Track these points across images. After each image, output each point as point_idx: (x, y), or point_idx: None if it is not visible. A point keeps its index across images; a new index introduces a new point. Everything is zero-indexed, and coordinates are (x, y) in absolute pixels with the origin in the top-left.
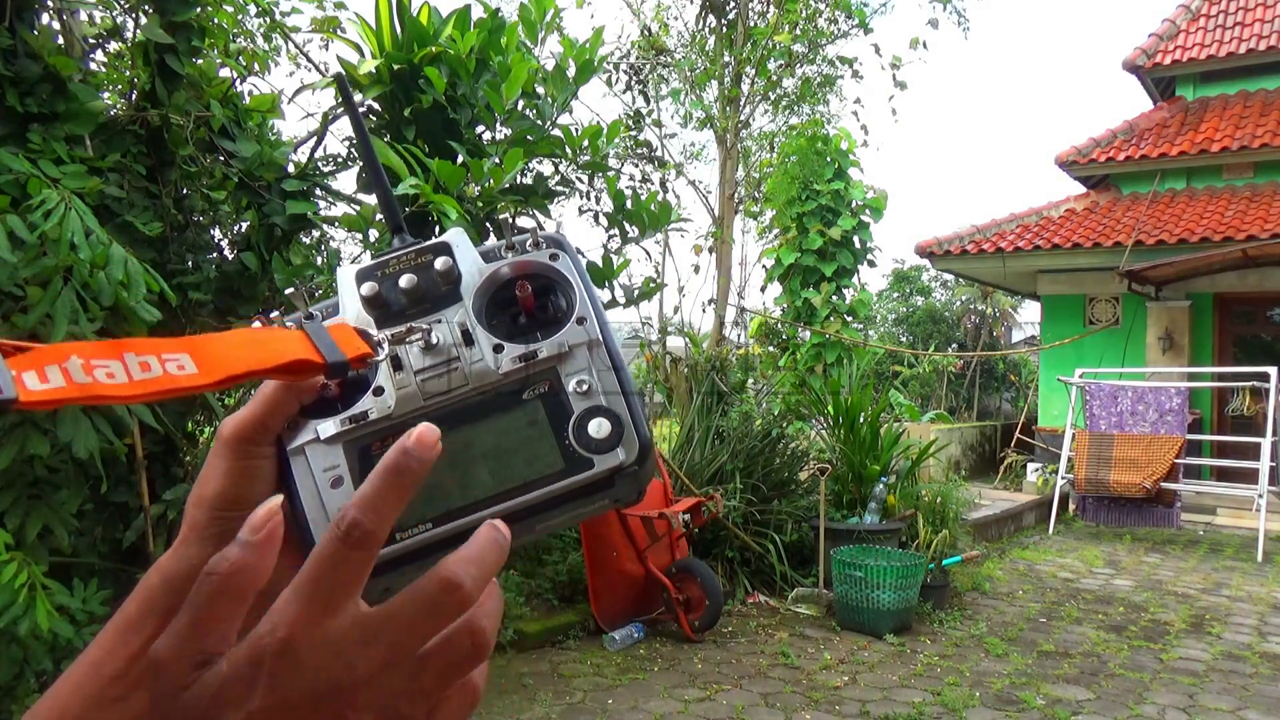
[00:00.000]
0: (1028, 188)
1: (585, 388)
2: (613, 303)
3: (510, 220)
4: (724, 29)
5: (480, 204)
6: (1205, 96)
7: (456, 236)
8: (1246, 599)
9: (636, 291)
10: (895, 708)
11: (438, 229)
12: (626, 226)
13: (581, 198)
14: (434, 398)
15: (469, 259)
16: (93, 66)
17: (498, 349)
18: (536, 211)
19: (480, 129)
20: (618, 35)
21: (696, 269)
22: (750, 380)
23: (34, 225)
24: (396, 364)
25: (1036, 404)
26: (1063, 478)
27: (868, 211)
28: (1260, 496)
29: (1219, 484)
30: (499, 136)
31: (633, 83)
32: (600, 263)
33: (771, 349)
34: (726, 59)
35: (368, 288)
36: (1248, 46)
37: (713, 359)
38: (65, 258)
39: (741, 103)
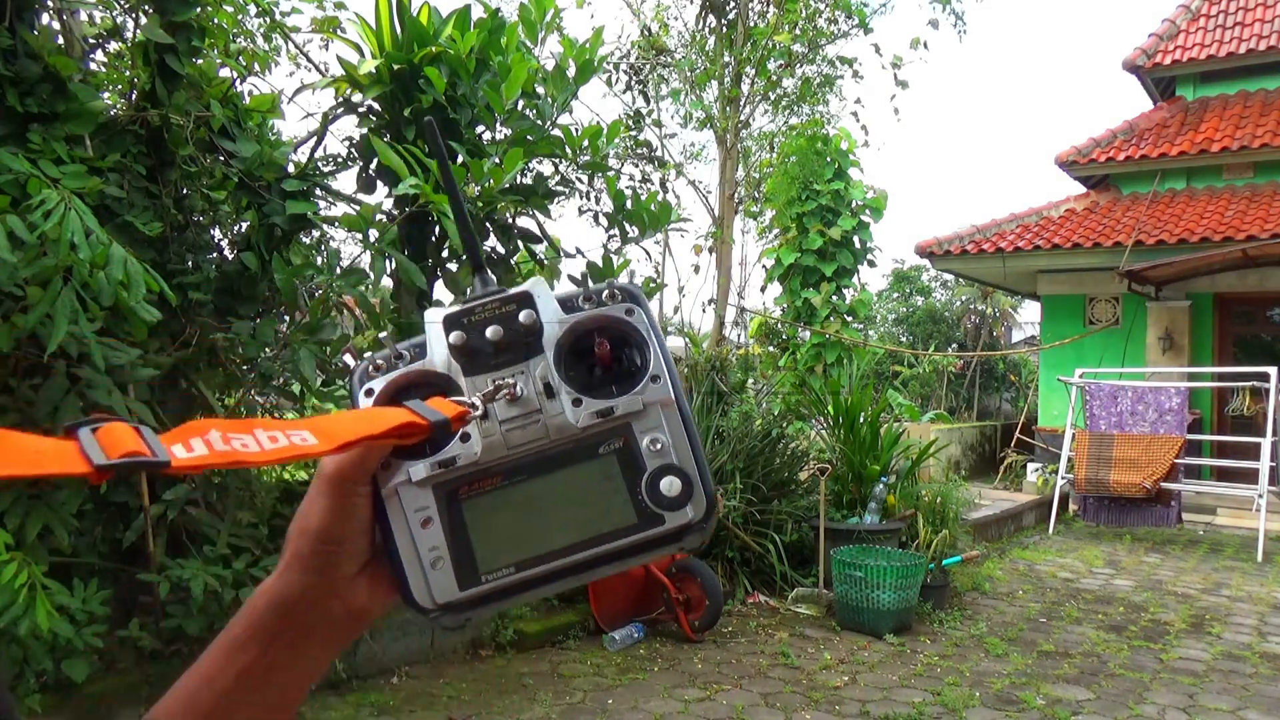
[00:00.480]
0: (1028, 188)
1: (659, 446)
2: None
3: (513, 221)
4: (724, 29)
5: (480, 204)
6: (1205, 96)
7: (537, 287)
8: (1246, 599)
9: None
10: (895, 708)
11: (437, 229)
12: (626, 226)
13: (581, 198)
14: (517, 447)
15: (549, 310)
16: (93, 66)
17: (576, 403)
18: (536, 211)
19: (480, 129)
20: (618, 35)
21: (696, 269)
22: (750, 380)
23: (34, 225)
24: (486, 413)
25: (1036, 404)
26: (1063, 478)
27: (868, 211)
28: (1260, 496)
29: (1219, 484)
30: (499, 136)
31: (633, 83)
32: (600, 263)
33: (771, 349)
34: (726, 59)
35: (456, 336)
36: (1248, 46)
37: (713, 359)
38: (65, 258)
39: (741, 103)
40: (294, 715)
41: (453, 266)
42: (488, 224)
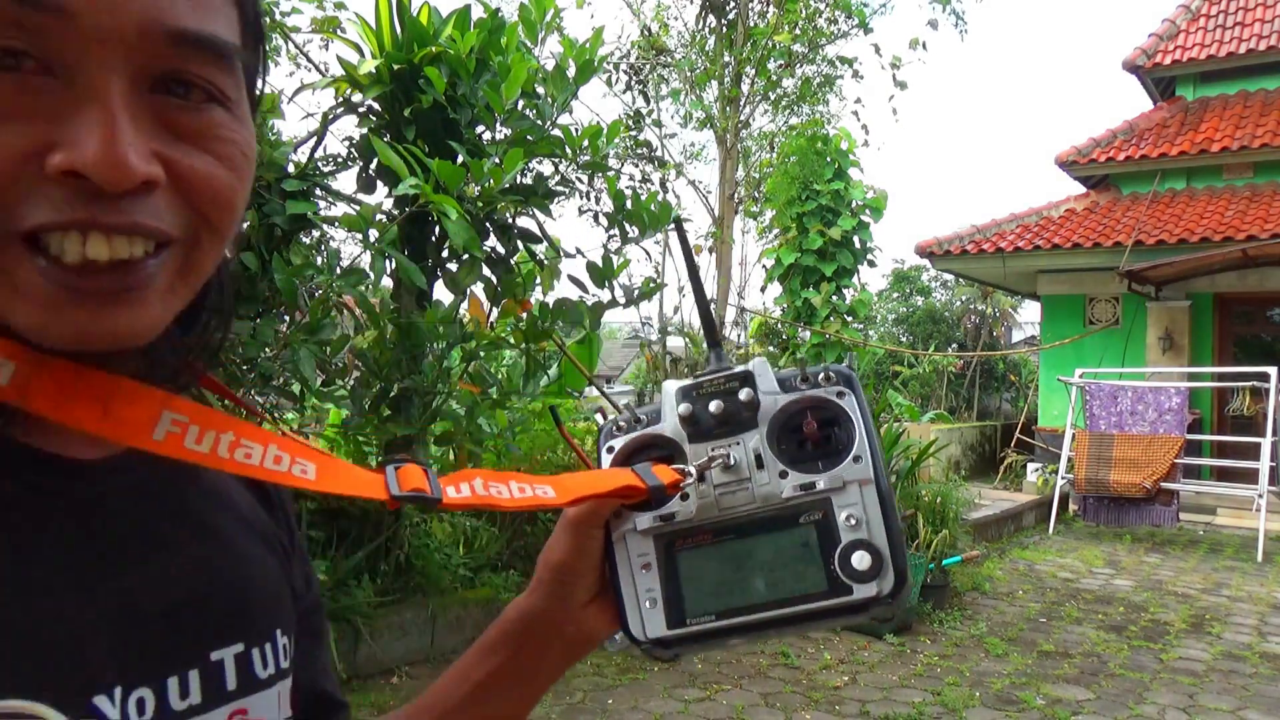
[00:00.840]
0: (1028, 188)
1: (854, 521)
2: (613, 303)
3: (512, 221)
4: (724, 29)
5: (480, 204)
6: (1205, 96)
7: (760, 367)
8: (1246, 599)
9: (636, 291)
10: (895, 708)
11: (437, 229)
12: (626, 226)
13: (581, 198)
14: (727, 510)
15: (768, 388)
16: None
17: (783, 475)
18: (536, 211)
19: (480, 129)
20: (618, 35)
21: None
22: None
23: None
24: (701, 476)
25: (1036, 404)
26: (1063, 478)
27: (868, 211)
28: (1260, 496)
29: (1219, 484)
30: (499, 136)
31: (633, 83)
32: (600, 263)
33: (771, 349)
34: (726, 59)
35: (684, 408)
36: (1248, 46)
37: None
38: None
39: (741, 103)
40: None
41: (453, 266)
42: (488, 224)
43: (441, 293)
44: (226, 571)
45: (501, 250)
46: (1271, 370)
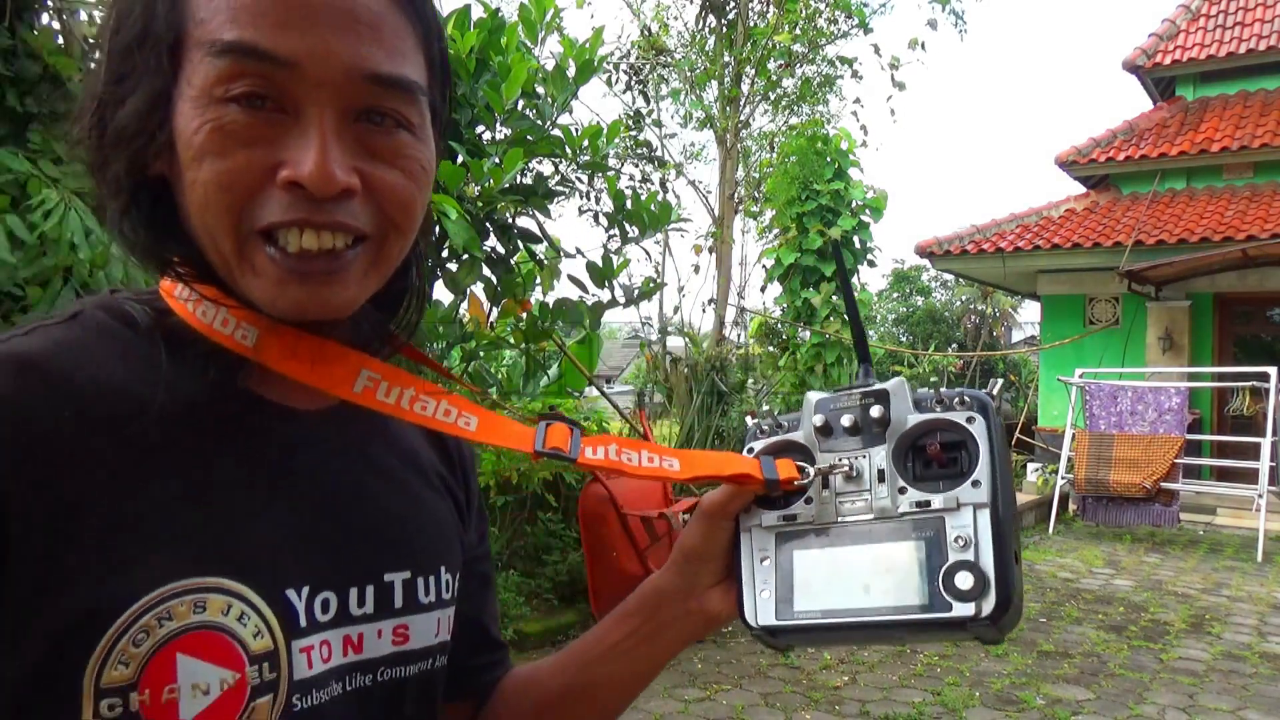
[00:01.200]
0: (1028, 188)
1: (963, 542)
2: (613, 302)
3: (512, 221)
4: (724, 29)
5: (480, 204)
6: (1205, 96)
7: (897, 387)
8: (1246, 599)
9: (636, 291)
10: (895, 708)
11: (437, 229)
12: (626, 226)
13: (581, 198)
14: (846, 516)
15: (901, 408)
16: (93, 66)
17: (902, 490)
18: (536, 211)
19: (480, 129)
20: (618, 35)
21: (696, 269)
22: (750, 380)
23: (34, 225)
24: (825, 482)
25: (1036, 404)
26: (1063, 478)
27: (868, 211)
28: (1260, 496)
29: (1219, 484)
30: (499, 136)
31: (633, 83)
32: (600, 263)
33: (771, 349)
34: (726, 59)
35: (819, 419)
36: (1248, 46)
37: (713, 359)
38: (65, 258)
39: (741, 103)
40: (646, 684)
41: (453, 266)
42: (488, 224)
43: (441, 293)
44: (400, 510)
45: (501, 250)
46: (1271, 370)
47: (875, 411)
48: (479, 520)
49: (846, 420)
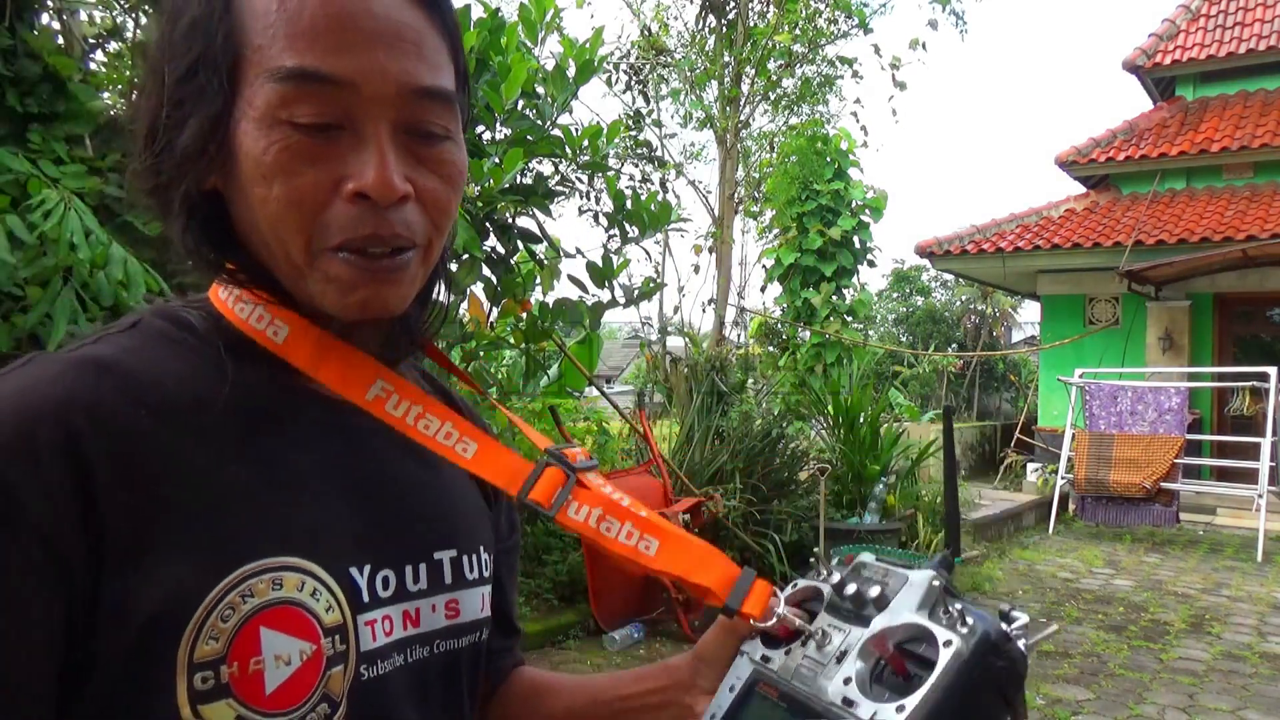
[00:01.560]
0: (1028, 188)
1: None
2: (613, 302)
3: (512, 221)
4: (724, 29)
5: (480, 204)
6: (1205, 96)
7: (924, 577)
8: (1246, 599)
9: (636, 291)
10: None
11: None
12: (626, 226)
13: (581, 198)
14: (797, 682)
15: (906, 600)
16: (93, 66)
17: (846, 681)
18: (536, 211)
19: (480, 129)
20: (618, 35)
21: (696, 269)
22: (750, 380)
23: (34, 225)
24: (806, 642)
25: (1036, 404)
26: (1063, 478)
27: (868, 211)
28: (1260, 496)
29: (1219, 484)
30: (499, 136)
31: (633, 83)
32: (600, 263)
33: (771, 349)
34: (726, 59)
35: (837, 576)
36: (1248, 46)
37: (713, 359)
38: (65, 258)
39: (741, 103)
40: None
41: (453, 266)
42: (488, 224)
43: (441, 293)
44: (442, 493)
45: (501, 250)
46: (1271, 370)
47: (874, 591)
48: (509, 510)
49: (853, 588)
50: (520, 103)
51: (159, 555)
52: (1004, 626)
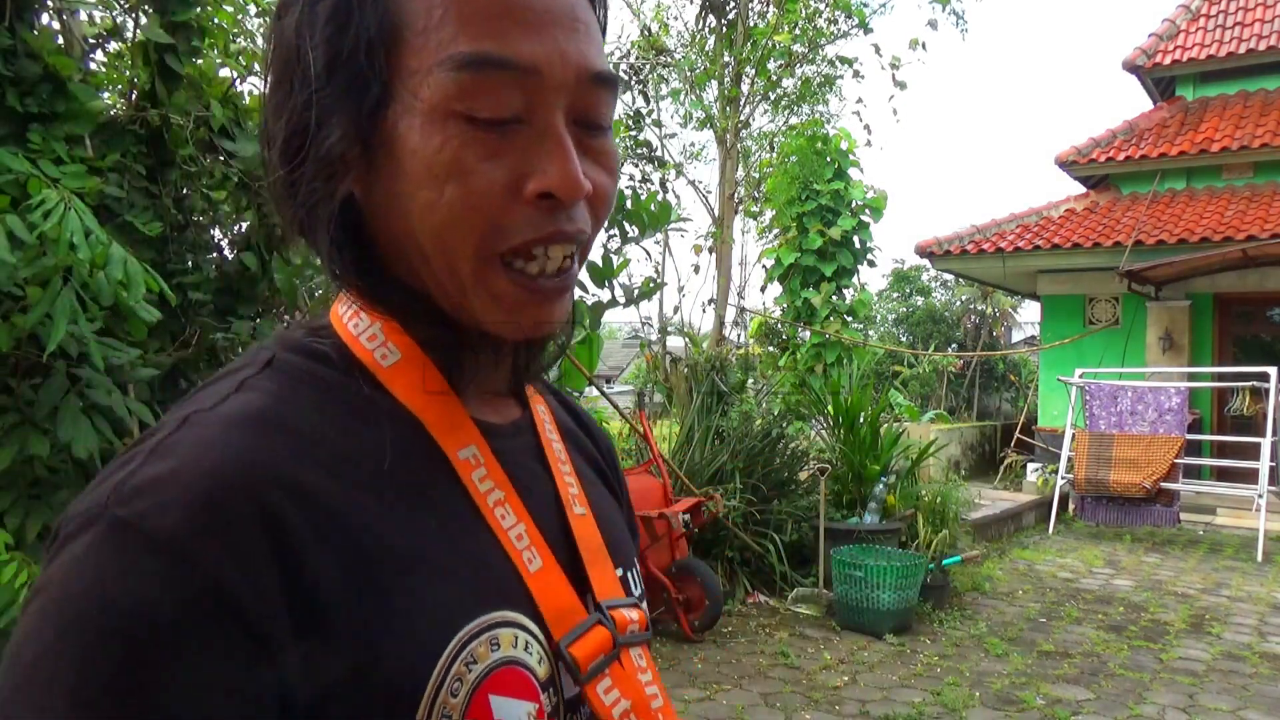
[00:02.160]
0: (1028, 188)
1: None
2: (613, 302)
3: None
4: (724, 29)
5: None
6: (1205, 96)
7: None
8: (1246, 599)
9: (636, 291)
10: (895, 708)
11: None
12: (626, 226)
13: None
14: None
15: None
16: (93, 66)
17: None
18: None
19: None
20: (618, 35)
21: (696, 269)
22: (750, 380)
23: (34, 225)
24: None
25: (1036, 404)
26: (1063, 478)
27: (868, 211)
28: (1260, 496)
29: (1219, 484)
30: None
31: (633, 83)
32: (600, 263)
33: (771, 349)
34: (726, 59)
35: None
36: (1248, 46)
37: (713, 359)
38: (65, 258)
39: (741, 103)
40: None
41: None
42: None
43: None
44: (600, 509)
45: None
46: (1271, 370)
47: None
48: (629, 512)
49: None
50: None
51: (374, 629)
52: None
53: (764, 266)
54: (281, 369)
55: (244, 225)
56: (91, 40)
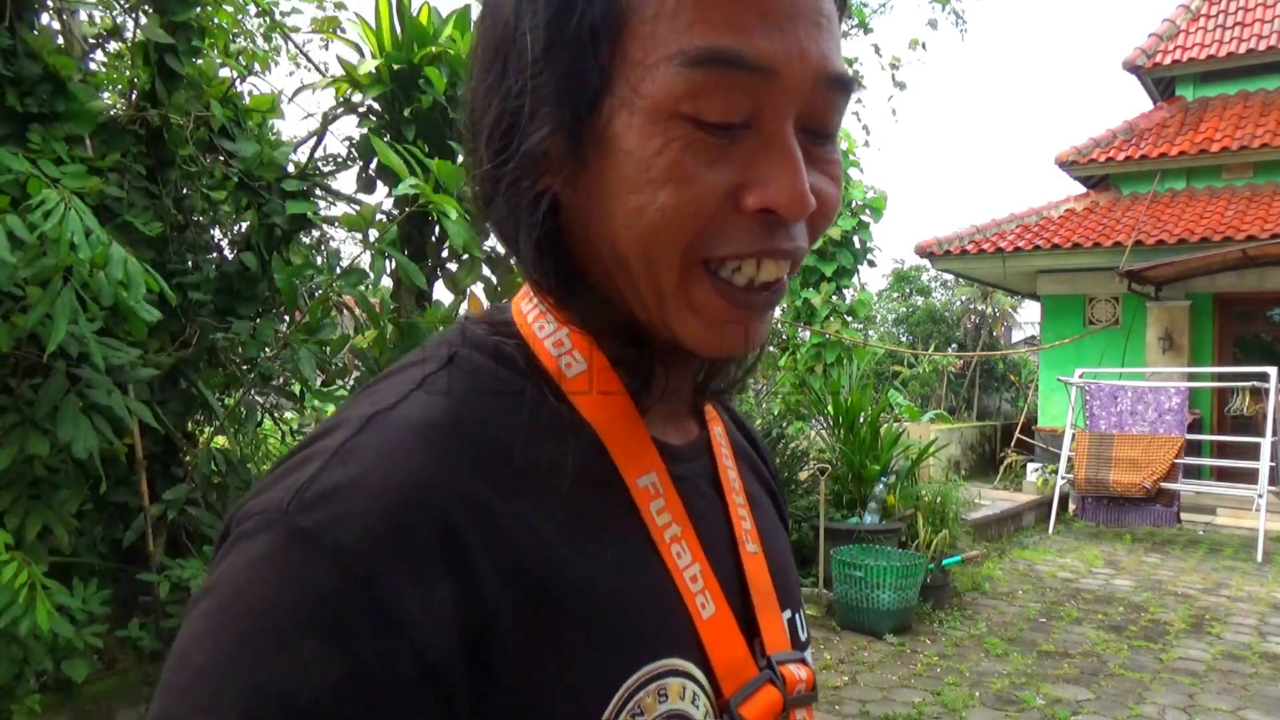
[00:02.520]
0: (1028, 188)
1: None
2: None
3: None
4: None
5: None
6: (1205, 96)
7: None
8: (1246, 599)
9: None
10: (895, 708)
11: (437, 229)
12: None
13: None
14: None
15: None
16: (93, 66)
17: None
18: None
19: None
20: None
21: None
22: (750, 380)
23: (34, 225)
24: None
25: (1036, 404)
26: (1063, 478)
27: (868, 211)
28: (1260, 496)
29: (1219, 484)
30: None
31: None
32: None
33: (771, 349)
34: None
35: None
36: (1248, 46)
37: None
38: (65, 258)
39: None
40: None
41: (453, 266)
42: (488, 224)
43: (441, 293)
44: (773, 542)
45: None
46: (1271, 370)
47: None
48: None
49: None
50: None
51: (545, 672)
52: None
53: None
54: (464, 367)
55: (244, 225)
56: (91, 40)
